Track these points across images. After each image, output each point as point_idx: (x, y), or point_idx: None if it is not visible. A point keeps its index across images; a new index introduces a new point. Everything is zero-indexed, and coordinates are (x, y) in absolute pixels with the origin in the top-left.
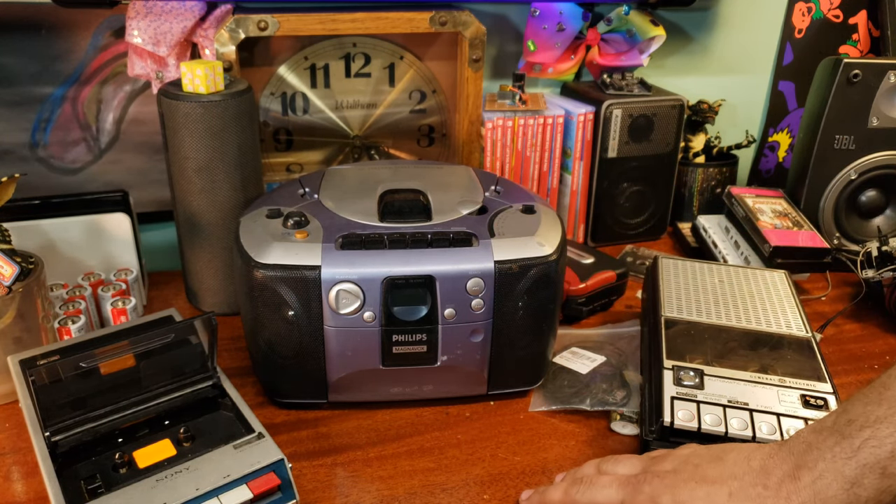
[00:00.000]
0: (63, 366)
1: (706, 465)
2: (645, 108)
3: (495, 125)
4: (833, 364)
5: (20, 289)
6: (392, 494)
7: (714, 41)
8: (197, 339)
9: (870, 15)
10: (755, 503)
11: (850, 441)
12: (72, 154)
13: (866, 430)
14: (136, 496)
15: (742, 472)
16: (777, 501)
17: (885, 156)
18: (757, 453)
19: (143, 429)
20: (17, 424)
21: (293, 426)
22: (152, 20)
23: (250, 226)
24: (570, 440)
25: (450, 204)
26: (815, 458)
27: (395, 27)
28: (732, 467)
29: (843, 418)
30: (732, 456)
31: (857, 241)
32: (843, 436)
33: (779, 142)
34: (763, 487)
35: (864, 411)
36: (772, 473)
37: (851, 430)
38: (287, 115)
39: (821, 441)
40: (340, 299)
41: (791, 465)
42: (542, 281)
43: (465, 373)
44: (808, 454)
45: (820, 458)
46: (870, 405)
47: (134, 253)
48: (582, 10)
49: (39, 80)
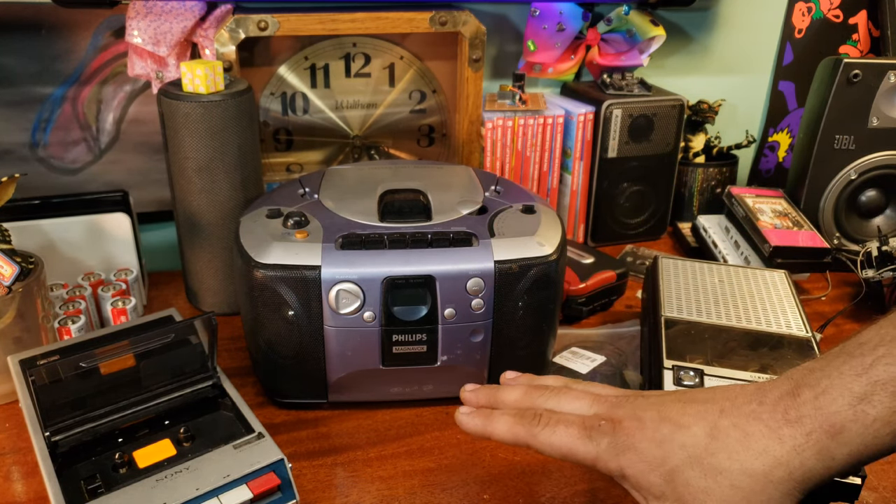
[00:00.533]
0: (63, 366)
1: (693, 391)
2: (645, 108)
3: (495, 125)
4: None
5: (20, 289)
6: (392, 494)
7: (714, 41)
8: (197, 339)
9: (870, 15)
10: (748, 419)
11: (861, 359)
12: (72, 154)
13: (881, 348)
14: (136, 496)
15: (735, 394)
16: (773, 416)
17: (885, 156)
18: (752, 384)
19: (143, 429)
20: (17, 424)
21: (293, 426)
22: (152, 20)
23: (250, 226)
24: None
25: (450, 204)
26: (819, 377)
27: (395, 27)
28: (724, 391)
29: (853, 342)
30: (721, 386)
31: (857, 241)
32: (851, 355)
33: (779, 142)
34: (758, 404)
35: (878, 333)
36: (768, 392)
37: (863, 350)
38: (287, 115)
39: (825, 364)
40: (340, 299)
41: (791, 384)
42: (542, 281)
43: (465, 373)
44: (811, 375)
45: (824, 376)
46: (884, 328)
47: (134, 253)
48: (582, 10)
49: (39, 80)
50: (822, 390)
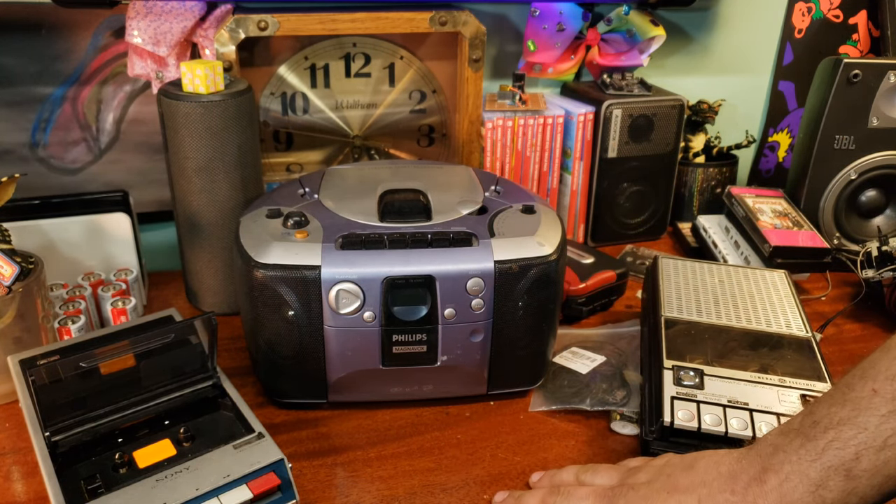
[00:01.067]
0: (63, 366)
1: (678, 474)
2: (645, 108)
3: (495, 125)
4: (833, 364)
5: (20, 289)
6: (392, 494)
7: (714, 41)
8: (197, 339)
9: (870, 15)
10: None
11: (815, 443)
12: (72, 154)
13: (830, 431)
14: (136, 496)
15: (711, 479)
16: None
17: (885, 156)
18: (726, 458)
19: (143, 429)
20: (17, 424)
21: (293, 426)
22: (152, 20)
23: (250, 226)
24: (570, 440)
25: (450, 204)
26: (781, 461)
27: (395, 27)
28: (703, 474)
29: (809, 420)
30: (703, 463)
31: (857, 241)
32: (807, 438)
33: (779, 142)
34: (731, 493)
35: (829, 413)
36: (738, 478)
37: (816, 432)
38: (287, 115)
39: (787, 443)
40: (340, 299)
41: (758, 468)
42: (542, 281)
43: (465, 373)
44: (775, 457)
45: (786, 460)
46: (834, 406)
47: (134, 253)
48: (582, 10)
49: (39, 80)
50: (784, 477)
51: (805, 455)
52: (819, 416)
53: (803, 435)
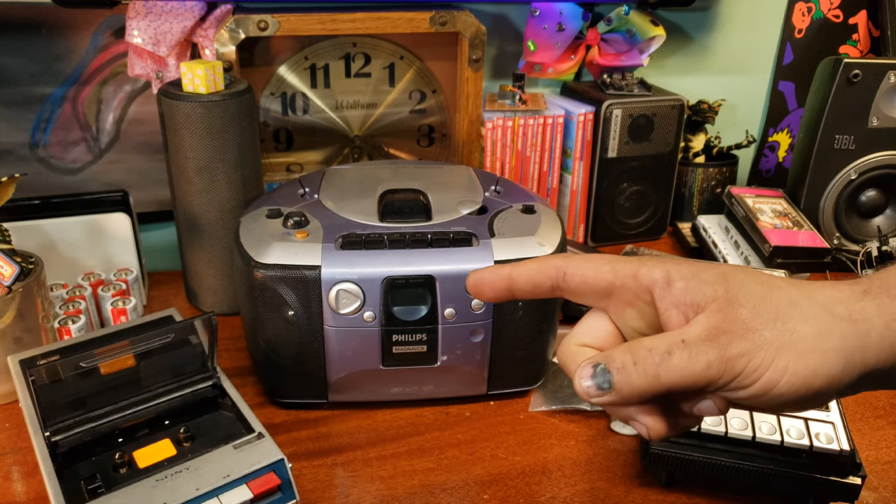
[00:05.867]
0: (63, 366)
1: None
2: (645, 108)
3: (495, 125)
4: None
5: (20, 289)
6: (392, 494)
7: (714, 41)
8: (197, 339)
9: (870, 15)
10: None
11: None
12: (72, 154)
13: None
14: (136, 496)
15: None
16: (838, 283)
17: (885, 156)
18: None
19: (143, 429)
20: (17, 424)
21: (293, 426)
22: (152, 20)
23: (250, 226)
24: (570, 440)
25: (450, 204)
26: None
27: (395, 27)
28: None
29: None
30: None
31: (857, 241)
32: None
33: (779, 142)
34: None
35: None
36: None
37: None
38: (287, 115)
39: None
40: (340, 299)
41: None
42: None
43: (465, 373)
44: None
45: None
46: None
47: (134, 253)
48: (582, 10)
49: (39, 80)
50: (882, 275)
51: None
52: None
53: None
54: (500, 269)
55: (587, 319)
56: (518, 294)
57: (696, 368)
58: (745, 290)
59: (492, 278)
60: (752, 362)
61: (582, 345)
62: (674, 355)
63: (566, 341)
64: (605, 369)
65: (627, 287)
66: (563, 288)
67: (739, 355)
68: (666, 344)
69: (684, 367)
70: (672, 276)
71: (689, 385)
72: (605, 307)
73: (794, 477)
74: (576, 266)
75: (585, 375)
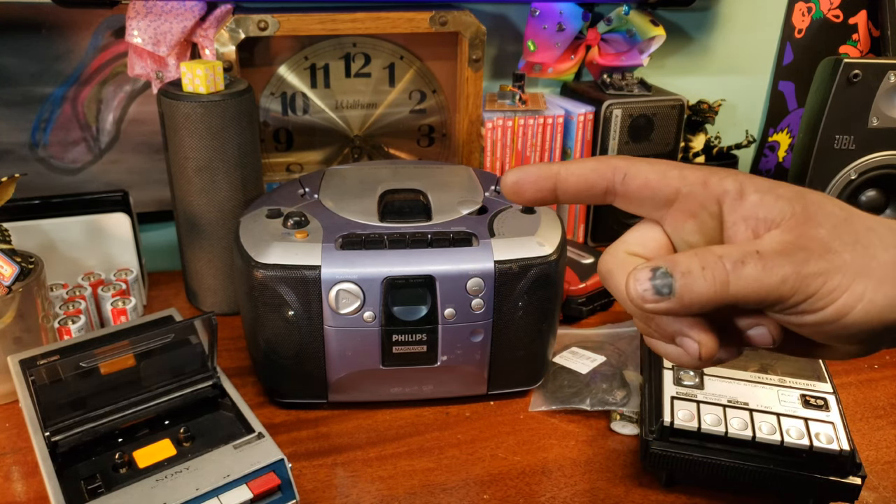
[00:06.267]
0: (63, 366)
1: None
2: (645, 108)
3: (495, 125)
4: (833, 364)
5: (20, 289)
6: (392, 494)
7: (714, 41)
8: (197, 339)
9: (870, 15)
10: None
11: None
12: (72, 154)
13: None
14: (136, 496)
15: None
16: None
17: (885, 156)
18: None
19: (143, 429)
20: (17, 424)
21: (293, 426)
22: (152, 20)
23: (250, 226)
24: (570, 440)
25: (450, 204)
26: None
27: (395, 27)
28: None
29: None
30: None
31: None
32: None
33: (779, 142)
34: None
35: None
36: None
37: None
38: (287, 115)
39: None
40: (340, 299)
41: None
42: (542, 281)
43: (465, 373)
44: None
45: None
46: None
47: (134, 253)
48: (582, 10)
49: (39, 80)
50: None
51: None
52: None
53: None
54: (548, 166)
55: (638, 228)
56: (563, 196)
57: (771, 281)
58: (824, 210)
59: (537, 175)
60: (828, 283)
61: (632, 253)
62: (747, 264)
63: (613, 248)
64: (666, 272)
65: (694, 196)
66: (619, 192)
67: (817, 274)
68: (740, 252)
69: (758, 277)
70: (746, 188)
71: (758, 300)
72: (661, 217)
73: (794, 477)
74: (638, 168)
75: (643, 278)
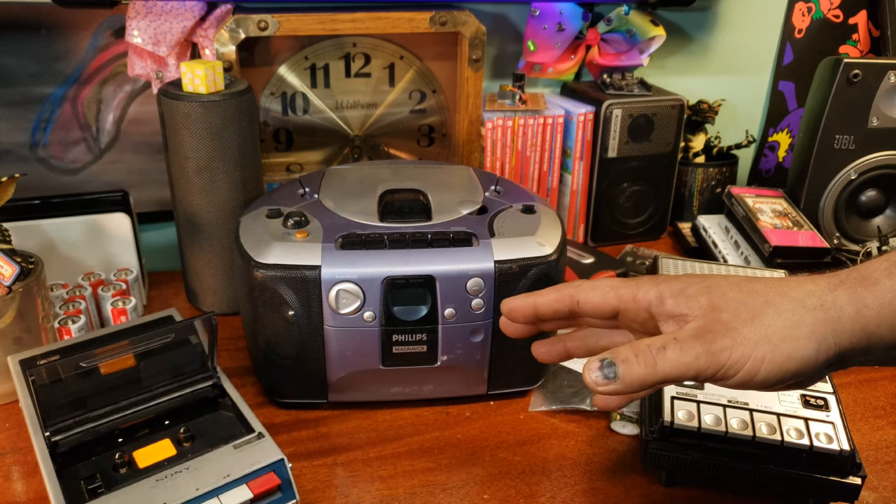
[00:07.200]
0: (63, 366)
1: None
2: (645, 108)
3: (495, 125)
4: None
5: (20, 289)
6: (392, 494)
7: (714, 41)
8: (197, 339)
9: (870, 15)
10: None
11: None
12: (72, 154)
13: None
14: (136, 496)
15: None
16: (814, 277)
17: (885, 156)
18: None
19: (143, 429)
20: (17, 424)
21: (293, 426)
22: (152, 20)
23: (250, 226)
24: (570, 440)
25: (450, 204)
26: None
27: (395, 27)
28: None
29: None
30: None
31: (857, 241)
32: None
33: (779, 142)
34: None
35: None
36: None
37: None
38: (287, 115)
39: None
40: (340, 299)
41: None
42: (542, 281)
43: (465, 373)
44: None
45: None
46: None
47: (134, 253)
48: (582, 10)
49: (39, 80)
50: (861, 267)
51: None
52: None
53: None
54: (526, 296)
55: (610, 333)
56: (543, 323)
57: (687, 359)
58: (725, 298)
59: (521, 305)
60: (733, 355)
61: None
62: (668, 348)
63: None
64: (611, 362)
65: (629, 308)
66: (579, 312)
67: (722, 349)
68: (662, 340)
69: (677, 357)
70: (664, 295)
71: (681, 375)
72: (617, 324)
73: (794, 477)
74: (585, 294)
75: (594, 368)
